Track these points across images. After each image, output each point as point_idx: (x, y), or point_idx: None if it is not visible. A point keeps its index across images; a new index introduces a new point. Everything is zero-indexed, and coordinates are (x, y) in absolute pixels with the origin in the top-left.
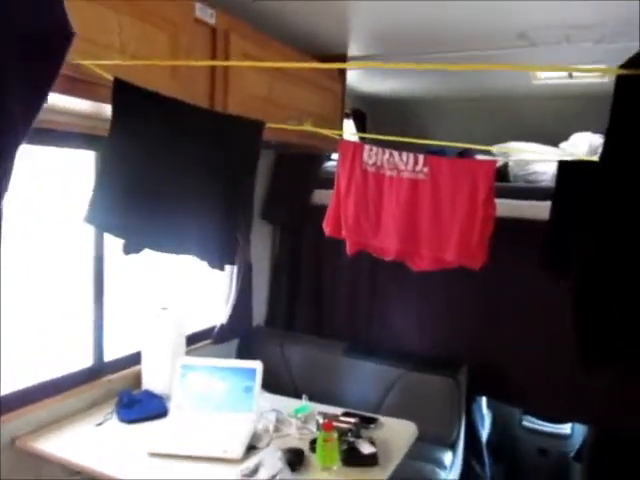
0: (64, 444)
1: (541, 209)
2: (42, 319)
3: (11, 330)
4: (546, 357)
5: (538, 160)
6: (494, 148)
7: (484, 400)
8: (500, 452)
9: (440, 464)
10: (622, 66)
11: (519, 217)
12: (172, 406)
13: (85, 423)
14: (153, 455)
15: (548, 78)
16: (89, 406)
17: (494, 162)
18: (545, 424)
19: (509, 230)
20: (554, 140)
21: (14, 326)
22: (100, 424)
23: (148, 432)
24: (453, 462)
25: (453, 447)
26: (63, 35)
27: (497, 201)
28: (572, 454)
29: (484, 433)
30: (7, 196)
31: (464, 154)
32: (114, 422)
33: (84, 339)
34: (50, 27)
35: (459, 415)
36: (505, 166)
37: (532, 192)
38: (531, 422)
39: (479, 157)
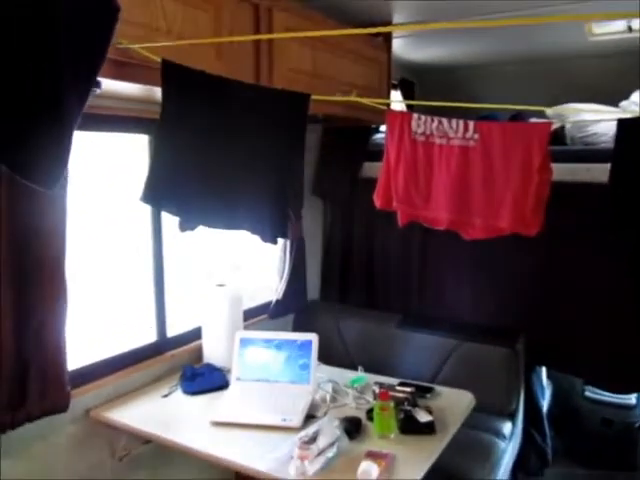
0: (134, 415)
1: (601, 172)
2: (108, 298)
3: (81, 308)
4: (609, 326)
5: (597, 120)
6: (549, 110)
7: (544, 370)
8: (561, 423)
9: (499, 434)
10: None
11: (578, 181)
12: (232, 378)
13: (152, 395)
14: (216, 424)
15: (605, 34)
16: (155, 379)
17: (549, 124)
18: (608, 394)
19: (568, 195)
20: (613, 99)
21: (84, 304)
22: (166, 396)
23: (210, 403)
24: (512, 432)
25: (512, 417)
26: (109, 9)
27: (554, 165)
28: (638, 424)
29: (544, 404)
30: (69, 179)
31: (516, 118)
32: (179, 394)
33: (148, 315)
34: (96, 2)
35: (518, 385)
36: (562, 129)
37: (591, 154)
38: (594, 392)
39: (533, 120)
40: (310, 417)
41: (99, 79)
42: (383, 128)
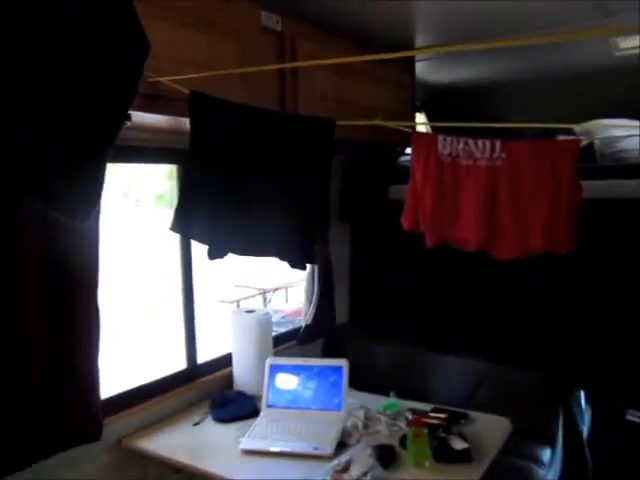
0: (165, 443)
1: (634, 187)
2: (137, 326)
3: (113, 337)
4: None
5: (626, 136)
6: (577, 127)
7: (582, 394)
8: (603, 448)
9: (538, 461)
10: None
11: (610, 197)
12: (263, 405)
13: (183, 423)
14: (247, 452)
15: (632, 47)
16: (186, 407)
17: (578, 141)
18: None
19: (599, 212)
20: None
21: (116, 333)
22: (197, 424)
23: (241, 431)
24: (552, 459)
25: (551, 443)
26: (140, 46)
27: (584, 183)
28: None
29: (584, 429)
30: (101, 208)
31: (543, 136)
32: (209, 422)
33: (177, 343)
34: (126, 39)
35: (556, 410)
36: (590, 145)
37: (622, 170)
38: (636, 416)
39: (561, 138)
40: (342, 445)
41: (129, 112)
42: (409, 150)
